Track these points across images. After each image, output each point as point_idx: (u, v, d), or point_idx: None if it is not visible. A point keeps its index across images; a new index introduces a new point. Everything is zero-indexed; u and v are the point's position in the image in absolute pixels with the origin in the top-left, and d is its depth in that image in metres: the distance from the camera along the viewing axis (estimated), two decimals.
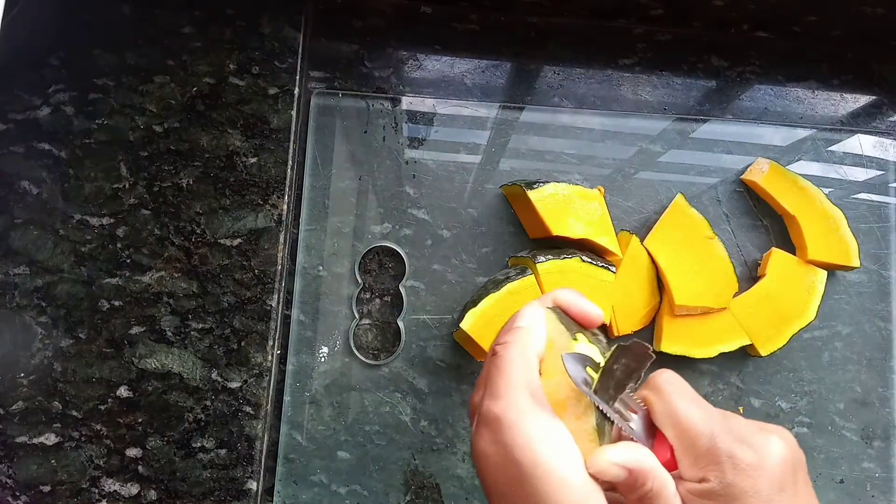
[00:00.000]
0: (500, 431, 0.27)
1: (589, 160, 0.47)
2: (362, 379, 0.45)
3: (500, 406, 0.28)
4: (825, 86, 0.50)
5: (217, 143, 0.43)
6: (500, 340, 0.31)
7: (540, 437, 0.27)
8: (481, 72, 0.48)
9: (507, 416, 0.27)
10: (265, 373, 0.42)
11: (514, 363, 0.29)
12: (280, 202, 0.43)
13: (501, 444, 0.27)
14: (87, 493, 0.40)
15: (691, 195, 0.47)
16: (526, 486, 0.27)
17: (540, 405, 0.28)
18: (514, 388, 0.28)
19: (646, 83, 0.49)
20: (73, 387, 0.41)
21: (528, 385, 0.29)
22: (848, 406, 0.46)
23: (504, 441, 0.27)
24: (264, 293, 0.42)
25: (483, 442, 0.28)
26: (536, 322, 0.31)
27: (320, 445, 0.44)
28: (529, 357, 0.30)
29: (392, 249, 0.46)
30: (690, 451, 0.28)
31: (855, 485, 0.46)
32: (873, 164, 0.48)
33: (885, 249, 0.47)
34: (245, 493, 0.41)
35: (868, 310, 0.47)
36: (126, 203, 0.42)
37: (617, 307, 0.44)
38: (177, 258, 0.42)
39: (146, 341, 0.41)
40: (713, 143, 0.48)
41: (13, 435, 0.40)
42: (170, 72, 0.44)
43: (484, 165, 0.46)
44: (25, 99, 0.42)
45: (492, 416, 0.28)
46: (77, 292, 0.41)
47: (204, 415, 0.41)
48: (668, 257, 0.44)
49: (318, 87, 0.47)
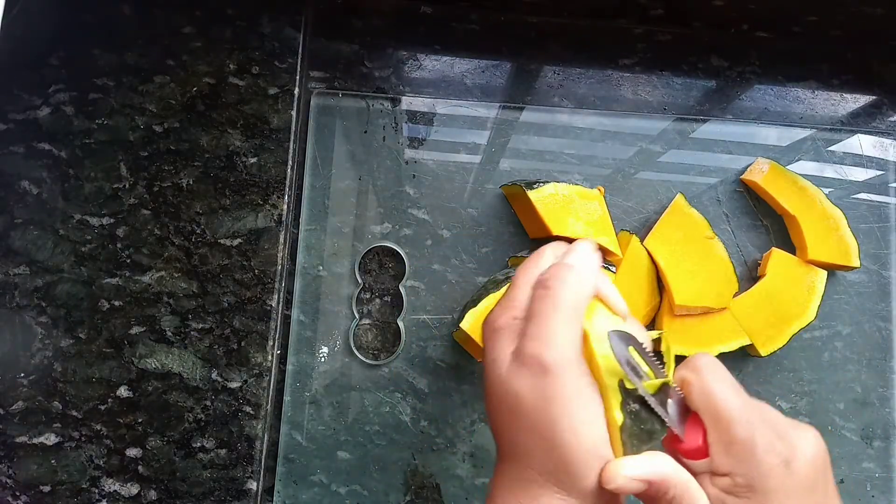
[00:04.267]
0: (545, 381, 0.26)
1: (589, 160, 0.47)
2: (362, 379, 0.45)
3: (552, 355, 0.26)
4: (825, 86, 0.50)
5: (217, 143, 0.43)
6: (553, 274, 0.28)
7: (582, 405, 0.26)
8: (481, 72, 0.48)
9: (557, 370, 0.26)
10: (265, 373, 0.42)
11: (567, 307, 0.27)
12: (280, 202, 0.43)
13: (541, 395, 0.26)
14: (87, 493, 0.40)
15: (691, 195, 0.47)
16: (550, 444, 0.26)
17: (581, 365, 0.27)
18: (566, 338, 0.27)
19: (646, 83, 0.49)
20: (73, 387, 0.41)
21: (577, 339, 0.27)
22: (848, 406, 0.46)
23: (547, 393, 0.26)
24: (264, 293, 0.42)
25: (522, 383, 0.27)
26: (590, 264, 0.29)
27: (320, 445, 0.44)
28: (581, 305, 0.28)
29: (392, 249, 0.46)
30: (725, 437, 0.27)
31: (855, 485, 0.46)
32: (873, 164, 0.48)
33: (885, 249, 0.47)
34: (245, 493, 0.41)
35: (868, 310, 0.47)
36: (126, 203, 0.42)
37: None
38: (177, 258, 0.42)
39: (146, 341, 0.41)
40: (713, 143, 0.48)
41: (13, 435, 0.40)
42: (170, 72, 0.44)
43: (484, 165, 0.46)
44: (25, 99, 0.42)
45: (540, 363, 0.26)
46: (77, 292, 0.41)
47: (204, 415, 0.41)
48: (668, 257, 0.44)
49: (318, 87, 0.47)
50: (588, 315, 0.29)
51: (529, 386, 0.26)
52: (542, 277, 0.29)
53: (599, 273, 0.30)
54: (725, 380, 0.28)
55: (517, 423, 0.27)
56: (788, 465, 0.27)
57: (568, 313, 0.27)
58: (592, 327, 0.28)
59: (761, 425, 0.27)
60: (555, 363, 0.26)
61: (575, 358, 0.27)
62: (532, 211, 0.43)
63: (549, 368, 0.26)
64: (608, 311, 0.30)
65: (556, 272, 0.28)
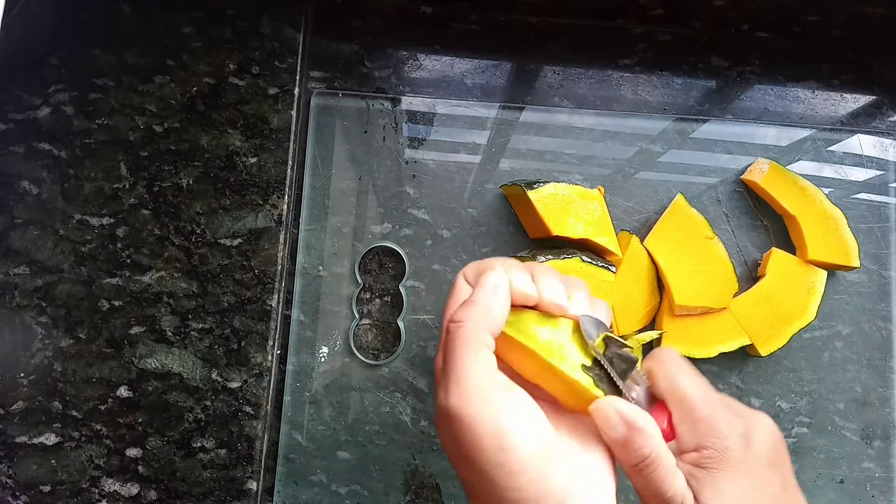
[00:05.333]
0: (453, 427, 0.26)
1: (589, 160, 0.47)
2: (362, 379, 0.45)
3: (451, 401, 0.27)
4: (825, 86, 0.50)
5: (217, 143, 0.43)
6: (455, 318, 0.29)
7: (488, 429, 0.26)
8: (481, 72, 0.48)
9: (462, 411, 0.26)
10: (265, 373, 0.42)
11: (464, 349, 0.27)
12: (280, 202, 0.43)
13: (453, 440, 0.27)
14: (87, 493, 0.40)
15: (691, 195, 0.47)
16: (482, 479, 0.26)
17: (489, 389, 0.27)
18: (469, 373, 0.27)
19: (646, 83, 0.49)
20: (73, 387, 0.41)
21: (477, 371, 0.27)
22: (848, 406, 0.46)
23: (458, 438, 0.26)
24: (264, 293, 0.42)
25: (441, 433, 0.28)
26: (495, 292, 0.29)
27: (320, 445, 0.44)
28: (481, 338, 0.28)
29: (392, 249, 0.46)
30: (689, 417, 0.29)
31: (855, 485, 0.46)
32: (873, 164, 0.48)
33: (885, 249, 0.47)
34: (245, 493, 0.41)
35: (868, 310, 0.47)
36: (126, 203, 0.42)
37: (617, 307, 0.44)
38: (177, 258, 0.42)
39: (146, 341, 0.41)
40: (713, 143, 0.48)
41: (13, 435, 0.40)
42: (170, 72, 0.44)
43: (484, 165, 0.46)
44: (25, 99, 0.43)
45: (445, 412, 0.27)
46: (77, 292, 0.41)
47: (204, 415, 0.41)
48: (668, 257, 0.44)
49: (318, 87, 0.47)
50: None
51: (447, 434, 0.27)
52: (448, 321, 0.29)
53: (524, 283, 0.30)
54: (686, 369, 0.31)
55: (458, 468, 0.28)
56: (748, 440, 0.29)
57: (469, 349, 0.28)
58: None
59: (720, 405, 0.30)
60: (453, 406, 0.26)
61: (480, 387, 0.27)
62: (532, 211, 0.43)
63: (450, 414, 0.27)
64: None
65: (458, 314, 0.29)
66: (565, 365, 0.29)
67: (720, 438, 0.29)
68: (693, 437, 0.29)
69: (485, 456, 0.26)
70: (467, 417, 0.26)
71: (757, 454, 0.29)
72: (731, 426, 0.29)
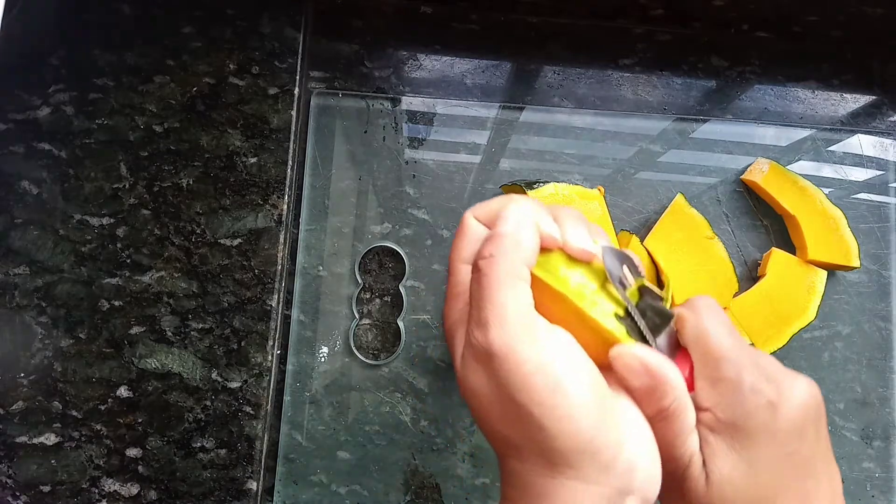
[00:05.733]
0: (493, 367, 0.24)
1: (589, 160, 0.47)
2: (362, 379, 0.45)
3: (492, 336, 0.24)
4: (825, 86, 0.50)
5: (217, 143, 0.43)
6: (484, 253, 0.26)
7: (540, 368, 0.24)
8: (481, 72, 0.48)
9: (503, 349, 0.24)
10: (265, 373, 0.42)
11: (500, 283, 0.25)
12: (280, 202, 0.43)
13: (495, 382, 0.25)
14: (87, 493, 0.40)
15: (691, 195, 0.47)
16: (528, 430, 0.24)
17: (535, 326, 0.25)
18: (509, 310, 0.25)
19: (646, 83, 0.49)
20: (73, 387, 0.41)
21: (518, 306, 0.25)
22: (848, 406, 0.46)
23: (499, 379, 0.24)
24: (264, 293, 0.42)
25: (475, 377, 0.25)
26: (523, 223, 0.27)
27: (320, 445, 0.44)
28: (518, 271, 0.26)
29: (392, 249, 0.46)
30: (713, 374, 0.27)
31: (855, 485, 0.46)
32: (873, 164, 0.48)
33: (885, 249, 0.47)
34: (245, 493, 0.41)
35: (868, 310, 0.47)
36: (126, 203, 0.42)
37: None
38: (177, 258, 0.42)
39: (146, 341, 0.41)
40: (713, 143, 0.48)
41: (13, 435, 0.40)
42: (170, 72, 0.44)
43: (484, 165, 0.46)
44: (25, 99, 0.42)
45: (484, 350, 0.25)
46: (77, 292, 0.41)
47: (204, 415, 0.41)
48: (668, 257, 0.44)
49: (318, 87, 0.47)
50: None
51: (483, 377, 0.25)
52: (476, 258, 0.27)
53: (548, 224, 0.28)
54: (722, 321, 0.28)
55: (491, 418, 0.26)
56: (775, 408, 0.26)
57: (506, 282, 0.25)
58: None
59: (751, 367, 0.27)
60: (497, 344, 0.24)
61: (525, 323, 0.25)
62: None
63: (493, 353, 0.24)
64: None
65: (488, 248, 0.26)
66: (597, 311, 0.26)
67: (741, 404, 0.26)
68: (710, 396, 0.26)
69: (536, 397, 0.23)
70: (515, 354, 0.24)
71: (782, 425, 0.26)
72: (757, 392, 0.26)
